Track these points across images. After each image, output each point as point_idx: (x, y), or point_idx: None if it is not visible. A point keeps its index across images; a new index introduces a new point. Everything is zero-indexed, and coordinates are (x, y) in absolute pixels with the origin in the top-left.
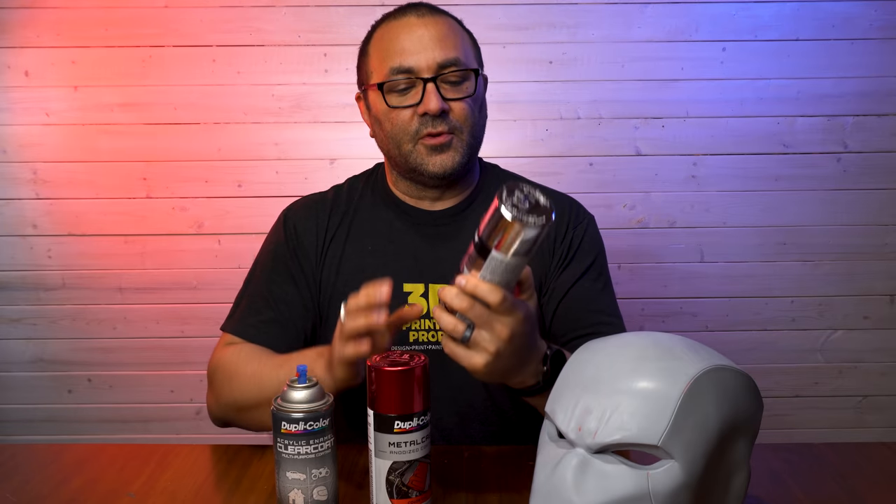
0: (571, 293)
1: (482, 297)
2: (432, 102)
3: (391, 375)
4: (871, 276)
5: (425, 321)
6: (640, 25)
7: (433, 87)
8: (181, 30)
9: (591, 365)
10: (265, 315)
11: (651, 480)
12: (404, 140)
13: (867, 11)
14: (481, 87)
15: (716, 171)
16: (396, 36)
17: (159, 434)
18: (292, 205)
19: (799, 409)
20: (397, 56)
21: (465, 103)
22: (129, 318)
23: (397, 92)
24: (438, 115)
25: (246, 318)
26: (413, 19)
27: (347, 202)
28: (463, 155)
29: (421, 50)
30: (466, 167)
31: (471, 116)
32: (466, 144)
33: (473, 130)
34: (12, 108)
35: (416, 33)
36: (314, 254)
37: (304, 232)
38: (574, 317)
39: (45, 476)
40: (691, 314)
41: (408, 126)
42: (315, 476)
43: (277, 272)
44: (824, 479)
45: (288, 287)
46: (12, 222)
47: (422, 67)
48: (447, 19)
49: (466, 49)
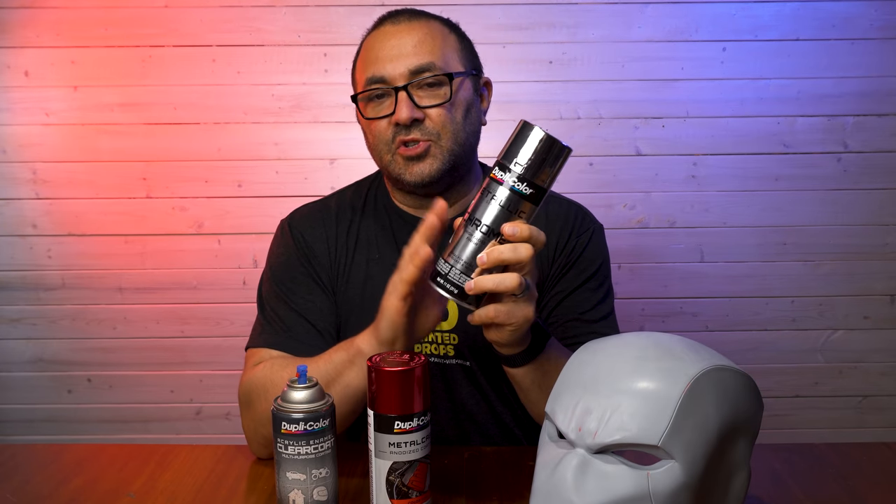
0: (566, 303)
1: (535, 237)
2: (403, 112)
3: (391, 375)
4: (871, 276)
5: (428, 334)
6: (640, 25)
7: (404, 95)
8: (181, 30)
9: (591, 365)
10: (289, 325)
11: (651, 481)
12: (384, 151)
13: (867, 11)
14: (467, 89)
15: (716, 171)
16: (372, 46)
17: (159, 434)
18: (293, 213)
19: (799, 409)
20: (371, 66)
21: (443, 109)
22: (128, 318)
23: (374, 102)
24: (411, 123)
25: (270, 332)
26: (388, 27)
27: (352, 210)
28: (444, 161)
29: (393, 58)
30: (452, 174)
31: (450, 122)
32: (447, 151)
33: (455, 136)
34: (12, 108)
35: (390, 42)
36: (327, 261)
37: (313, 240)
38: (566, 327)
39: (45, 476)
40: (691, 314)
41: (384, 136)
42: (315, 476)
43: (295, 281)
44: (825, 479)
45: (308, 293)
46: (12, 222)
47: (394, 76)
48: (427, 24)
49: (447, 53)
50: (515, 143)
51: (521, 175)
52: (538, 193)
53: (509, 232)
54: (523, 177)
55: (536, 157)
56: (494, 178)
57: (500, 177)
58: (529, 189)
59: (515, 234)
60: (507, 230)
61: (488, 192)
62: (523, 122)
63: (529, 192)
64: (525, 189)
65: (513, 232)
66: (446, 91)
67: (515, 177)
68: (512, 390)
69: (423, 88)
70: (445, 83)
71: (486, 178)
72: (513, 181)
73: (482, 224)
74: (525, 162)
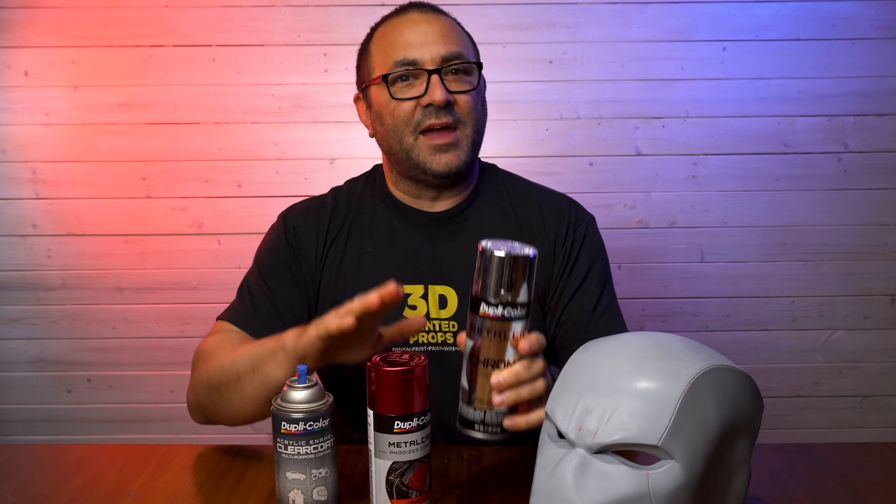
0: (575, 299)
1: (539, 347)
2: (437, 93)
3: (391, 375)
4: (872, 276)
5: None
6: (640, 25)
7: (437, 78)
8: (181, 30)
9: (591, 365)
10: (257, 306)
11: (651, 480)
12: (406, 133)
13: (867, 11)
14: (483, 83)
15: (716, 170)
16: (400, 31)
17: (159, 434)
18: (291, 207)
19: (799, 409)
20: (401, 49)
21: (470, 96)
22: (128, 318)
23: (400, 84)
24: (443, 106)
25: (238, 309)
26: (416, 15)
27: (347, 205)
28: (467, 153)
29: (425, 43)
30: (470, 166)
31: (475, 110)
32: (470, 140)
33: (477, 125)
34: (12, 107)
35: (420, 28)
36: (314, 257)
37: (303, 234)
38: (578, 323)
39: (45, 476)
40: (691, 314)
41: (410, 118)
42: (315, 476)
43: (275, 269)
44: (825, 479)
45: (284, 284)
46: (12, 222)
47: (426, 59)
48: (448, 19)
49: (468, 46)
50: (487, 274)
51: (510, 302)
52: (528, 306)
53: (526, 348)
54: (512, 303)
55: (514, 279)
56: (487, 316)
57: (492, 313)
58: (522, 309)
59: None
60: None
61: (488, 330)
62: (482, 249)
63: (523, 312)
64: (519, 311)
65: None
66: (473, 79)
67: (505, 307)
68: None
69: (452, 75)
70: (472, 72)
71: (476, 317)
72: (505, 312)
73: (499, 361)
74: (507, 289)
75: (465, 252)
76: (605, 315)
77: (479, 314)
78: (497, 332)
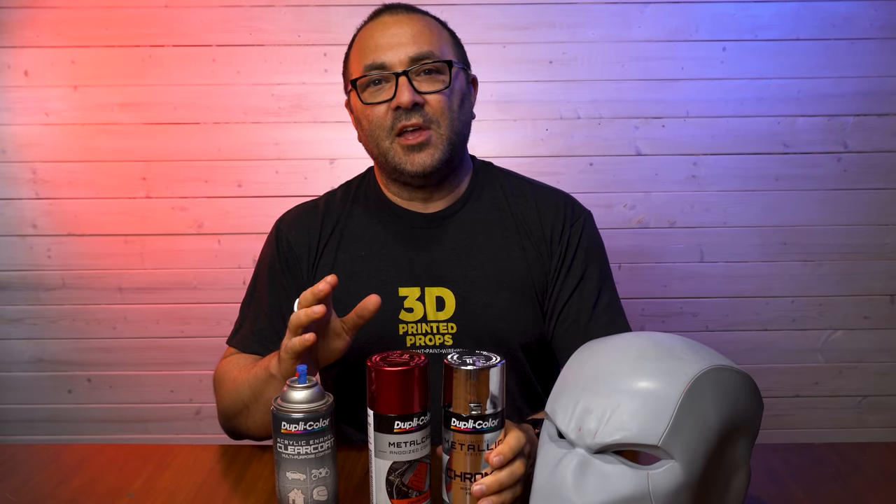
0: (574, 297)
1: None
2: (404, 95)
3: (391, 375)
4: (871, 276)
5: (422, 325)
6: (639, 25)
7: (405, 80)
8: (181, 30)
9: (591, 365)
10: (259, 326)
11: (651, 480)
12: (381, 137)
13: (867, 11)
14: (461, 80)
15: (716, 171)
16: (371, 35)
17: (159, 434)
18: (284, 216)
19: (799, 409)
20: (371, 53)
21: (442, 95)
22: (128, 318)
23: (372, 88)
24: (412, 108)
25: (240, 332)
26: (387, 18)
27: (340, 209)
28: (443, 151)
29: (394, 45)
30: (449, 164)
31: (447, 109)
32: (445, 139)
33: (452, 124)
34: (12, 107)
35: (390, 31)
36: (307, 264)
37: (296, 243)
38: (577, 322)
39: (45, 476)
40: (691, 314)
41: (383, 121)
42: (315, 476)
43: (273, 285)
44: (824, 479)
45: (282, 300)
46: (12, 222)
47: (394, 62)
48: (424, 18)
49: (443, 46)
50: (457, 390)
51: (481, 415)
52: (502, 414)
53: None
54: (484, 415)
55: (481, 392)
56: (459, 430)
57: (463, 427)
58: (494, 420)
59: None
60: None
61: (461, 444)
62: (447, 364)
63: (495, 423)
64: (490, 423)
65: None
66: (445, 78)
67: (475, 421)
68: (512, 377)
69: (423, 75)
70: (444, 70)
71: (448, 432)
72: (476, 425)
73: (475, 474)
74: (476, 402)
75: (461, 252)
76: (606, 313)
77: (450, 428)
78: (470, 446)
